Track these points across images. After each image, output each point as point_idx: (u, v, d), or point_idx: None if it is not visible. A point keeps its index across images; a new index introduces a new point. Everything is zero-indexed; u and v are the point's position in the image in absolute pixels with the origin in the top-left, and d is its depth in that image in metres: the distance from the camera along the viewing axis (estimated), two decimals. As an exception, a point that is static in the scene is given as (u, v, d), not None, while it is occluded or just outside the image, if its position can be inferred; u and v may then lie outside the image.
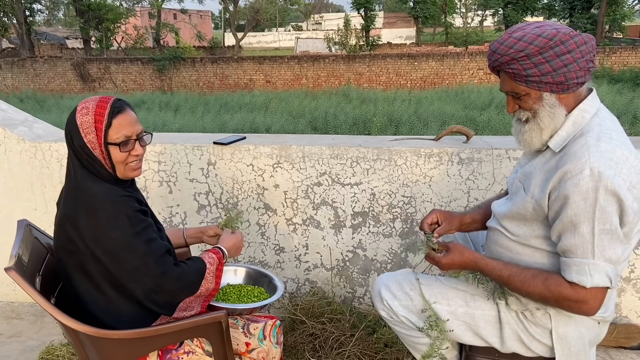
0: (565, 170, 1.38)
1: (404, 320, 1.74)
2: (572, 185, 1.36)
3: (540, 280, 1.47)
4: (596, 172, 1.33)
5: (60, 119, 15.28)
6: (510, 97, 1.52)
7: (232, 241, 1.87)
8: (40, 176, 2.90)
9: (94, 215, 1.48)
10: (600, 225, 1.35)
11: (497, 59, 1.47)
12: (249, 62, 24.72)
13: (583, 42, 1.41)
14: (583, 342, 1.57)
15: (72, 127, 1.53)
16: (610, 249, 1.36)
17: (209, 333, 1.62)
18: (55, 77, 25.43)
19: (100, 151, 1.54)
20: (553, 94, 1.45)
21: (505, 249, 1.64)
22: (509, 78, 1.48)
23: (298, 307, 2.63)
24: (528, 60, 1.41)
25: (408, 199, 2.64)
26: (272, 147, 2.69)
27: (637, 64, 22.07)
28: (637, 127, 12.76)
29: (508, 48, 1.43)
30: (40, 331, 2.81)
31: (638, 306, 2.56)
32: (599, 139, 1.40)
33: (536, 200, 1.48)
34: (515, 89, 1.48)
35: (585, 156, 1.36)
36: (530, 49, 1.40)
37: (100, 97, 1.59)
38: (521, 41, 1.41)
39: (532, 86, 1.45)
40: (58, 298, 1.74)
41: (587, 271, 1.37)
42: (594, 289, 1.38)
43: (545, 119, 1.47)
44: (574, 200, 1.36)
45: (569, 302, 1.42)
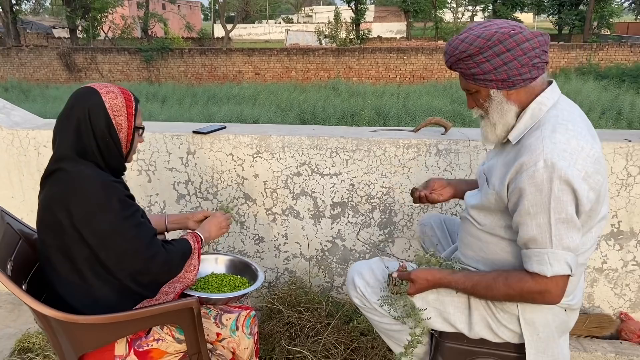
0: (521, 162, 1.43)
1: (376, 307, 1.76)
2: (527, 177, 1.40)
3: (501, 281, 1.51)
4: (550, 163, 1.37)
5: (45, 108, 15.10)
6: (468, 95, 1.60)
7: (212, 222, 1.92)
8: (17, 164, 2.87)
9: (85, 197, 1.50)
10: (556, 214, 1.38)
11: (447, 60, 1.57)
12: (238, 54, 24.55)
13: (524, 40, 1.45)
14: (550, 329, 1.60)
15: (95, 108, 1.57)
16: (567, 238, 1.40)
17: (180, 320, 1.62)
18: (40, 67, 25.09)
19: (126, 134, 1.63)
20: (500, 91, 1.52)
21: (475, 238, 1.68)
22: (461, 76, 1.56)
23: (276, 297, 2.64)
24: (471, 60, 1.49)
25: (387, 190, 2.66)
26: (252, 136, 2.69)
27: (623, 60, 22.27)
28: (621, 122, 12.90)
29: (454, 49, 1.52)
30: (18, 319, 2.79)
31: (610, 296, 2.60)
32: (554, 130, 1.44)
33: (497, 192, 1.53)
34: (467, 87, 1.57)
35: (539, 148, 1.40)
36: (471, 49, 1.48)
37: (112, 84, 1.67)
38: (464, 42, 1.49)
39: (479, 84, 1.52)
40: (31, 284, 1.74)
41: (547, 260, 1.41)
42: (555, 277, 1.42)
43: (494, 114, 1.54)
44: (529, 192, 1.40)
45: (533, 294, 1.46)
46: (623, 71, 20.35)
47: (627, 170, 2.39)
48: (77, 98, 1.60)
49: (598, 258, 2.55)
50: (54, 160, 1.57)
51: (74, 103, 1.59)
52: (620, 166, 2.39)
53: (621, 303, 2.61)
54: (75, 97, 1.60)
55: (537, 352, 1.60)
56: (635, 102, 14.34)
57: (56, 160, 1.57)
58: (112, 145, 1.60)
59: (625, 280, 2.56)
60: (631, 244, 2.50)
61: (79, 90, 1.63)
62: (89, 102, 1.57)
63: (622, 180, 2.41)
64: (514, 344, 1.64)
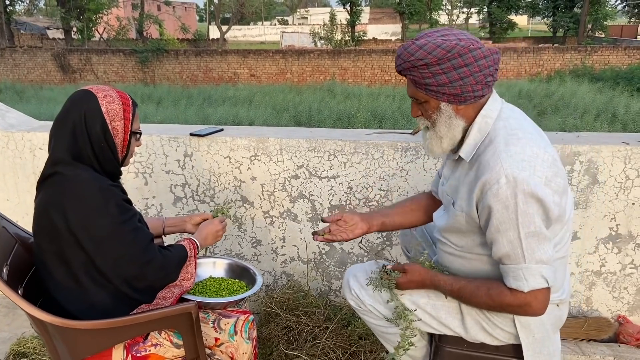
0: (483, 181, 1.41)
1: (371, 309, 1.75)
2: (491, 195, 1.39)
3: (483, 291, 1.51)
4: (511, 179, 1.36)
5: (39, 110, 15.01)
6: (414, 103, 1.55)
7: (208, 228, 1.90)
8: (12, 166, 2.85)
9: (83, 201, 1.48)
10: (524, 229, 1.38)
11: (400, 64, 1.50)
12: (233, 55, 24.52)
13: (482, 57, 1.43)
14: (545, 328, 1.60)
15: (92, 112, 1.55)
16: (539, 251, 1.40)
17: (178, 325, 1.61)
18: (35, 68, 24.97)
19: (122, 139, 1.61)
20: (450, 105, 1.49)
21: (454, 256, 1.67)
22: (411, 84, 1.51)
23: (273, 300, 2.62)
24: (427, 70, 1.44)
25: (385, 193, 2.65)
26: (249, 139, 2.68)
27: (617, 63, 22.39)
28: (616, 125, 12.95)
29: (410, 55, 1.45)
30: (13, 323, 2.77)
31: (609, 299, 2.60)
32: (507, 142, 1.42)
33: (466, 213, 1.51)
34: (416, 95, 1.52)
35: (498, 164, 1.39)
36: (429, 58, 1.42)
37: (111, 87, 1.66)
38: (422, 49, 1.43)
39: (430, 95, 1.48)
40: (27, 289, 1.72)
41: (522, 276, 1.41)
42: (533, 291, 1.42)
43: (442, 127, 1.51)
44: (496, 210, 1.39)
45: (513, 308, 1.47)
46: (617, 73, 20.46)
47: (626, 173, 2.39)
48: (74, 101, 1.58)
49: (596, 261, 2.55)
50: (50, 164, 1.56)
51: (70, 106, 1.57)
52: (619, 169, 2.40)
53: (619, 306, 2.61)
54: (71, 100, 1.59)
55: (534, 354, 1.60)
56: (629, 105, 14.41)
57: (52, 164, 1.55)
58: (107, 150, 1.58)
59: (623, 283, 2.56)
60: (629, 247, 2.50)
61: (76, 93, 1.62)
62: (85, 106, 1.56)
63: (620, 184, 2.41)
64: (514, 349, 1.64)
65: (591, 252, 2.53)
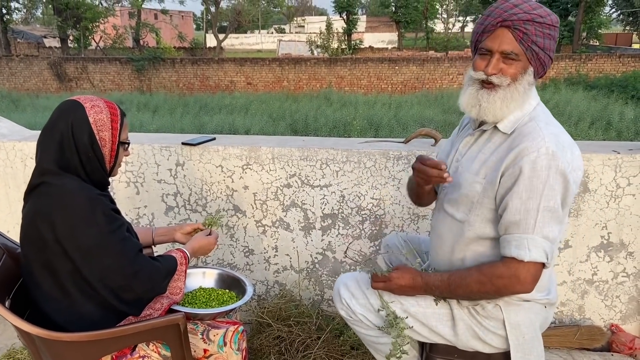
0: (522, 147, 1.45)
1: (362, 319, 1.74)
2: (528, 161, 1.43)
3: (474, 269, 1.54)
4: (551, 152, 1.42)
5: (35, 119, 14.97)
6: (499, 58, 1.50)
7: (200, 240, 1.89)
8: (3, 176, 2.83)
9: (70, 211, 1.47)
10: (545, 202, 1.42)
11: (516, 13, 1.46)
12: (230, 63, 24.58)
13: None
14: (534, 328, 1.61)
15: (79, 122, 1.54)
16: (548, 227, 1.44)
17: (166, 336, 1.59)
18: (31, 76, 24.95)
19: (109, 149, 1.60)
20: (532, 73, 1.52)
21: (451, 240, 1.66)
22: (515, 38, 1.47)
23: (265, 310, 2.61)
24: (541, 29, 1.47)
25: (377, 201, 2.64)
26: (241, 148, 2.68)
27: (612, 71, 22.53)
28: (610, 132, 13.01)
29: (532, 8, 1.47)
30: (3, 334, 2.74)
31: (601, 308, 2.60)
32: (547, 123, 1.50)
33: (488, 180, 1.52)
34: (515, 50, 1.48)
35: (540, 136, 1.45)
36: (548, 19, 1.47)
37: (99, 97, 1.65)
38: (542, 9, 1.48)
39: (529, 54, 1.49)
40: (15, 300, 1.70)
41: (526, 245, 1.44)
42: (529, 263, 1.44)
43: (519, 91, 1.51)
44: (527, 176, 1.43)
45: (502, 280, 1.47)
46: (612, 81, 20.56)
47: (616, 181, 2.40)
48: (61, 111, 1.57)
49: (588, 270, 2.54)
50: (37, 174, 1.55)
51: (57, 116, 1.57)
52: (609, 178, 2.40)
53: (612, 315, 2.60)
54: (59, 110, 1.58)
55: (523, 355, 1.60)
56: (624, 112, 14.47)
57: (39, 174, 1.54)
58: (94, 160, 1.57)
59: (615, 292, 2.56)
60: (621, 256, 2.50)
61: (63, 103, 1.61)
62: (72, 116, 1.55)
63: (611, 192, 2.42)
64: (505, 357, 1.63)
65: (583, 260, 2.53)
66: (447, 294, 1.63)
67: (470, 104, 1.56)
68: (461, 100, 1.60)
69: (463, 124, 1.81)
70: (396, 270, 1.68)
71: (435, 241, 1.76)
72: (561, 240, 1.60)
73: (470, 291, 1.55)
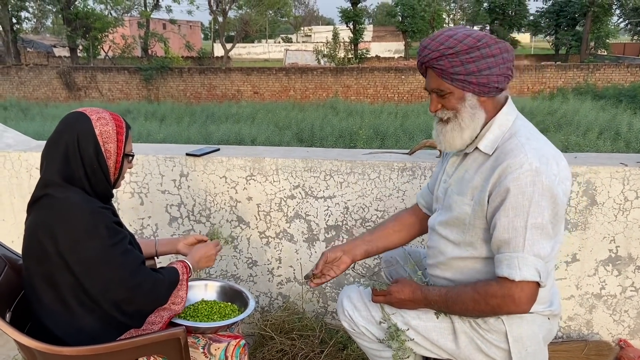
0: (504, 166, 1.44)
1: (364, 331, 1.73)
2: (512, 179, 1.41)
3: (470, 286, 1.53)
4: (534, 167, 1.40)
5: (44, 127, 15.10)
6: (435, 96, 1.56)
7: (202, 251, 1.88)
8: (9, 186, 2.84)
9: (72, 224, 1.47)
10: (532, 219, 1.41)
11: (427, 55, 1.51)
12: (237, 73, 24.73)
13: (506, 50, 1.49)
14: (538, 340, 1.59)
15: (85, 134, 1.55)
16: (538, 244, 1.42)
17: (167, 350, 1.58)
18: (40, 85, 25.21)
19: (114, 161, 1.60)
20: (475, 96, 1.51)
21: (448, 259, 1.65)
22: (436, 75, 1.52)
23: (268, 323, 2.59)
24: (456, 58, 1.46)
25: (381, 213, 2.62)
26: (245, 159, 2.67)
27: (620, 80, 22.44)
28: (619, 143, 12.92)
29: (439, 44, 1.48)
30: (6, 344, 2.74)
31: (609, 323, 2.55)
32: (529, 138, 1.49)
33: (476, 201, 1.52)
34: (441, 86, 1.52)
35: (522, 152, 1.43)
36: (459, 46, 1.46)
37: (104, 109, 1.66)
38: (452, 38, 1.47)
39: (456, 85, 1.50)
40: (16, 313, 1.70)
41: (516, 264, 1.42)
42: (522, 282, 1.42)
43: (466, 119, 1.52)
44: (512, 194, 1.41)
45: (496, 299, 1.46)
46: (620, 91, 20.48)
47: (624, 194, 2.37)
48: (67, 123, 1.58)
49: (596, 284, 2.50)
50: (41, 185, 1.55)
51: (63, 128, 1.57)
52: (617, 191, 2.37)
53: (620, 330, 2.56)
54: (65, 122, 1.58)
55: None
56: (632, 123, 14.38)
57: (43, 186, 1.54)
58: (99, 172, 1.57)
59: (624, 306, 2.52)
60: (629, 270, 2.46)
61: (69, 114, 1.61)
62: (78, 128, 1.55)
63: (619, 205, 2.38)
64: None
65: (591, 274, 2.49)
66: (445, 310, 1.62)
67: (435, 139, 1.64)
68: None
69: None
70: (396, 284, 1.67)
71: (431, 260, 1.75)
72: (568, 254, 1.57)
73: (466, 309, 1.55)
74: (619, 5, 34.54)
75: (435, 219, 1.72)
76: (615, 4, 33.69)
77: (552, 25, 37.07)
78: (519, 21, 37.38)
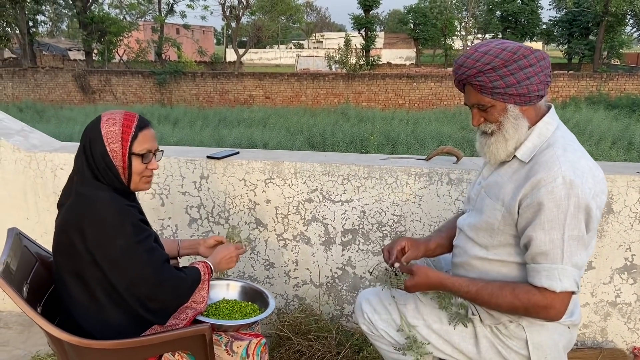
0: (538, 178, 1.44)
1: (383, 334, 1.75)
2: (545, 192, 1.42)
3: (508, 291, 1.51)
4: (568, 180, 1.40)
5: (59, 129, 15.30)
6: (476, 110, 1.58)
7: (223, 253, 1.91)
8: (33, 186, 2.91)
9: (100, 221, 1.53)
10: (569, 231, 1.41)
11: (464, 72, 1.53)
12: (249, 78, 24.88)
13: (542, 58, 1.51)
14: (557, 349, 1.61)
15: (94, 135, 1.61)
16: (576, 255, 1.43)
17: (192, 346, 1.62)
18: (55, 88, 25.53)
19: (121, 160, 1.62)
20: (516, 106, 1.52)
21: (473, 260, 1.66)
22: (475, 91, 1.54)
23: (285, 324, 2.63)
24: (494, 73, 1.48)
25: (398, 218, 2.66)
26: (264, 162, 2.72)
27: (634, 90, 22.28)
28: (632, 153, 12.83)
29: (475, 61, 1.50)
30: (28, 341, 2.80)
31: (624, 331, 2.56)
32: (565, 149, 1.48)
33: (506, 207, 1.53)
34: (481, 101, 1.54)
35: (557, 165, 1.44)
36: (496, 62, 1.47)
37: (125, 110, 1.69)
38: (487, 54, 1.49)
39: (497, 98, 1.51)
40: (45, 307, 1.75)
41: (557, 276, 1.43)
42: (562, 293, 1.43)
43: (510, 130, 1.53)
44: (547, 207, 1.42)
45: (538, 308, 1.46)
46: (633, 101, 20.33)
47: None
48: (88, 125, 1.66)
49: (612, 292, 2.52)
50: (71, 184, 1.62)
51: (84, 130, 1.66)
52: (634, 199, 2.39)
53: (634, 338, 2.57)
54: (88, 124, 1.67)
55: None
56: (645, 133, 14.28)
57: (73, 184, 1.61)
58: (107, 171, 1.61)
59: (639, 314, 2.53)
60: (645, 278, 2.47)
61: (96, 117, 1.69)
62: (92, 130, 1.63)
63: (635, 214, 2.40)
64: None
65: (606, 282, 2.51)
66: (470, 300, 1.62)
67: (480, 151, 1.65)
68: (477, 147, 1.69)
69: None
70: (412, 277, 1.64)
71: (456, 258, 1.76)
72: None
73: (499, 309, 1.55)
74: (633, 15, 34.33)
75: (465, 220, 1.73)
76: (629, 14, 33.49)
77: (565, 34, 36.94)
78: (532, 30, 37.29)
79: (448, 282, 1.61)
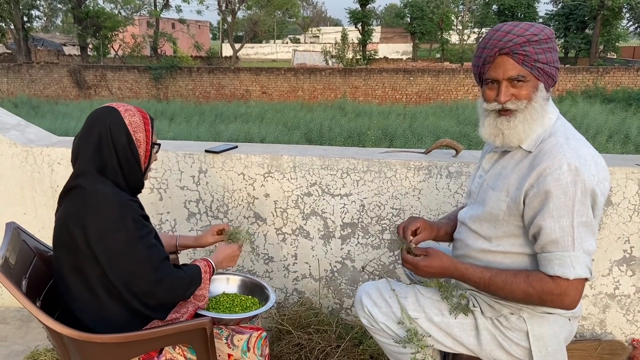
0: (543, 167, 1.45)
1: (383, 327, 1.75)
2: (552, 180, 1.42)
3: (522, 278, 1.50)
4: (574, 167, 1.41)
5: (54, 125, 15.23)
6: (508, 85, 1.51)
7: (227, 252, 1.91)
8: (30, 180, 2.90)
9: (100, 215, 1.51)
10: (578, 218, 1.41)
11: (510, 39, 1.48)
12: (245, 72, 24.82)
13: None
14: (559, 341, 1.61)
15: (116, 125, 1.61)
16: (586, 241, 1.43)
17: (193, 340, 1.62)
18: (51, 83, 25.41)
19: (144, 149, 1.66)
20: (544, 89, 1.53)
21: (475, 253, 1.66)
22: (516, 62, 1.49)
23: (285, 317, 2.63)
24: (539, 46, 1.48)
25: (397, 211, 2.66)
26: (263, 156, 2.71)
27: (630, 84, 22.33)
28: (629, 146, 12.87)
29: (524, 30, 1.49)
30: (26, 336, 2.79)
31: (622, 323, 2.58)
32: (567, 137, 1.49)
33: (511, 198, 1.52)
34: (521, 73, 1.49)
35: (561, 153, 1.44)
36: (542, 35, 1.48)
37: (127, 104, 1.71)
38: (533, 27, 1.50)
39: (535, 73, 1.50)
40: (44, 301, 1.74)
41: (570, 263, 1.42)
42: (576, 280, 1.43)
43: (538, 109, 1.52)
44: (555, 195, 1.42)
45: (552, 297, 1.46)
46: (630, 95, 20.38)
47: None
48: (97, 116, 1.63)
49: (610, 284, 2.53)
50: (74, 177, 1.59)
51: (94, 120, 1.62)
52: (632, 192, 2.39)
53: (633, 329, 2.58)
54: (95, 115, 1.64)
55: None
56: (642, 126, 14.33)
57: (75, 177, 1.59)
58: (132, 160, 1.63)
59: (637, 306, 2.54)
60: (644, 270, 2.48)
61: (97, 109, 1.66)
62: (109, 119, 1.61)
63: (634, 206, 2.40)
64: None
65: (605, 274, 2.52)
66: (482, 290, 1.60)
67: (492, 133, 1.57)
68: (482, 131, 1.61)
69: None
70: (425, 257, 1.62)
71: (457, 251, 1.76)
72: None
73: (513, 297, 1.53)
74: (629, 8, 34.34)
75: (466, 213, 1.73)
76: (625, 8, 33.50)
77: (562, 28, 36.89)
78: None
79: (462, 267, 1.60)
